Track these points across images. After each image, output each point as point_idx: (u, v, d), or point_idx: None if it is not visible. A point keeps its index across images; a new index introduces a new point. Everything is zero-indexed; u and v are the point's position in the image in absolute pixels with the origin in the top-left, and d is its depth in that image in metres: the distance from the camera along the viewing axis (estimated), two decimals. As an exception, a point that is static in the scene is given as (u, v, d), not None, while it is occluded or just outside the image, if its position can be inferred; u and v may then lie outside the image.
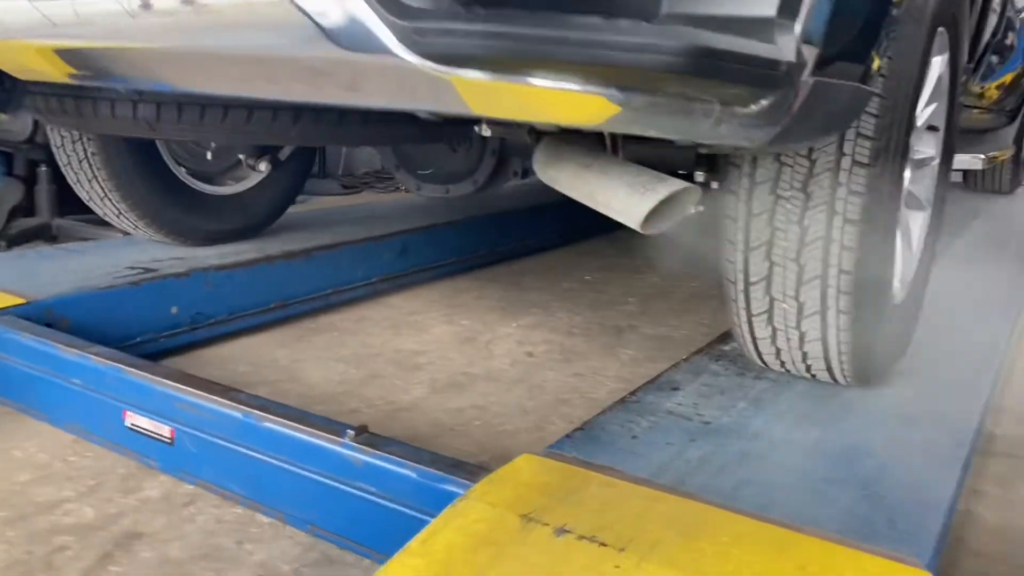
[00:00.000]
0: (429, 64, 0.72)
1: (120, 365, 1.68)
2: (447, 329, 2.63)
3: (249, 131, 1.51)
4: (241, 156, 2.46)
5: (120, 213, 2.43)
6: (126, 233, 2.78)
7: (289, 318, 2.60)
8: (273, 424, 1.48)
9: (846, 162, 1.34)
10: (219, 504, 1.57)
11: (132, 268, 2.32)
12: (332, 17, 0.73)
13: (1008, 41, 3.51)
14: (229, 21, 0.84)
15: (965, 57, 1.84)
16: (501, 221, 3.55)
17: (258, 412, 1.50)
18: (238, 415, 1.52)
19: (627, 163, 1.23)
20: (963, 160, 2.77)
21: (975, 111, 3.42)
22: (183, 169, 2.55)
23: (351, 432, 1.40)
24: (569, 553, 1.06)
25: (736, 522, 1.14)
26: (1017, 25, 3.52)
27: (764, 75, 0.83)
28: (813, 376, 1.65)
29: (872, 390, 1.66)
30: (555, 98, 0.75)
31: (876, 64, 1.19)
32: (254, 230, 2.78)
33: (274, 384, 2.15)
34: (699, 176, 1.64)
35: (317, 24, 0.73)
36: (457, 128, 1.74)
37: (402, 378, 2.23)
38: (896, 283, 1.65)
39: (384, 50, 0.72)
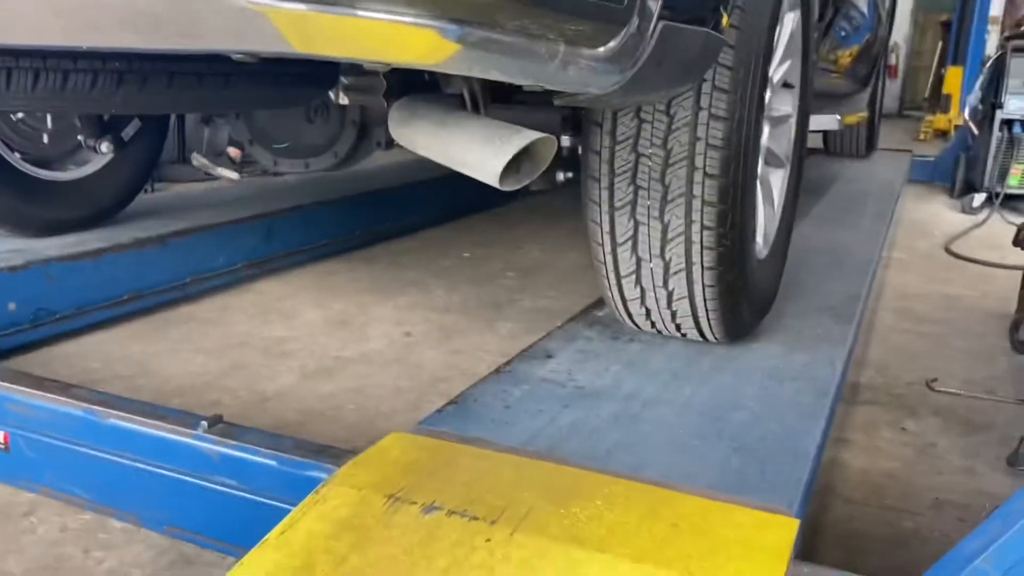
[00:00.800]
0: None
1: (-59, 368, 1.51)
2: (318, 313, 2.53)
3: (66, 99, 1.38)
4: (80, 137, 2.27)
5: (-54, 206, 2.21)
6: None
7: (144, 310, 2.43)
8: (118, 420, 1.36)
9: (703, 116, 1.32)
10: (63, 512, 1.44)
11: (-40, 262, 2.11)
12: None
13: (859, 9, 3.66)
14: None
15: (816, 15, 1.88)
16: (376, 199, 3.45)
17: (100, 408, 1.38)
18: (79, 413, 1.39)
19: (483, 119, 1.18)
20: (820, 120, 2.85)
21: (831, 75, 3.54)
22: (17, 155, 2.34)
23: (204, 423, 1.30)
24: (438, 531, 1.01)
25: (609, 484, 1.11)
26: (865, -1, 3.67)
27: (608, 10, 0.78)
28: (684, 335, 1.65)
29: (740, 346, 1.68)
30: (383, 32, 0.68)
31: (726, 16, 1.18)
32: (101, 218, 2.59)
33: (126, 380, 2.00)
34: (565, 140, 1.61)
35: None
36: (307, 92, 1.64)
37: (268, 366, 2.12)
38: (759, 239, 1.67)
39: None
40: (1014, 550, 0.87)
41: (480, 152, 1.08)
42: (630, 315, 1.64)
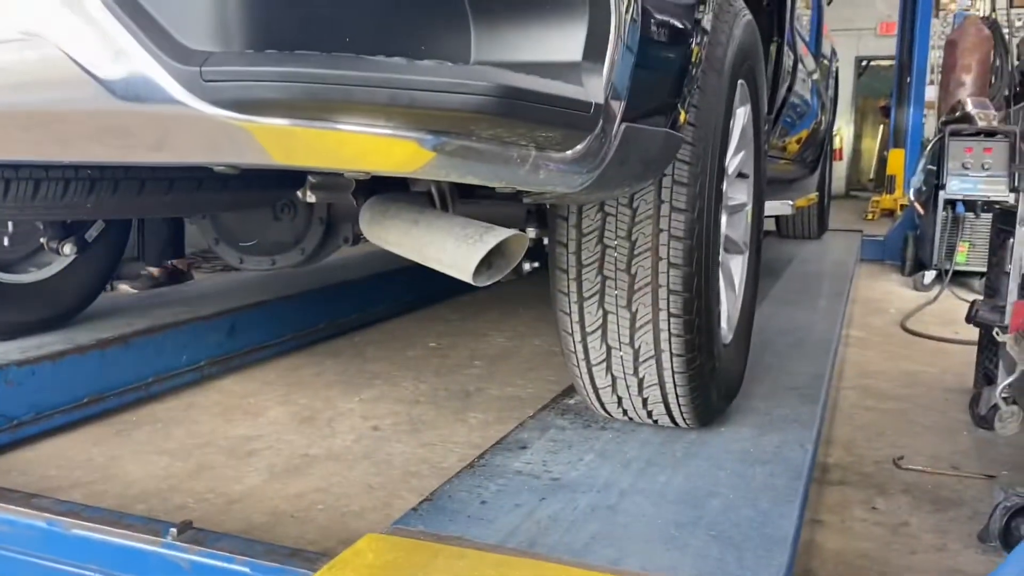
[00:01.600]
0: (222, 112, 0.66)
1: None
2: (284, 410, 2.49)
3: (36, 207, 1.38)
4: (43, 239, 2.26)
5: (-101, 311, 2.17)
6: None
7: (106, 412, 2.38)
8: (84, 531, 1.32)
9: (665, 208, 1.37)
10: (22, 630, 1.38)
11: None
12: (108, 66, 0.65)
13: (805, 98, 3.83)
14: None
15: (765, 108, 1.96)
16: (339, 292, 3.45)
17: (65, 519, 1.34)
18: (42, 524, 1.35)
19: (454, 217, 1.21)
20: (774, 206, 2.95)
21: (781, 162, 3.67)
22: (-22, 258, 2.32)
23: (174, 530, 1.27)
24: (419, 635, 0.99)
25: (592, 580, 1.10)
26: (811, 85, 3.85)
27: (576, 117, 0.82)
28: (655, 421, 1.66)
29: (711, 431, 1.69)
30: (364, 144, 0.70)
31: (683, 114, 1.23)
32: (64, 319, 2.55)
33: (87, 486, 1.95)
34: (531, 232, 1.65)
35: (91, 74, 0.65)
36: (276, 193, 1.66)
37: (234, 467, 2.08)
38: (724, 324, 1.70)
39: (168, 99, 0.66)
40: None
41: (454, 251, 1.10)
42: (602, 403, 1.65)
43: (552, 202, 1.39)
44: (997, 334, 2.06)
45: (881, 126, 14.75)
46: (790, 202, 3.13)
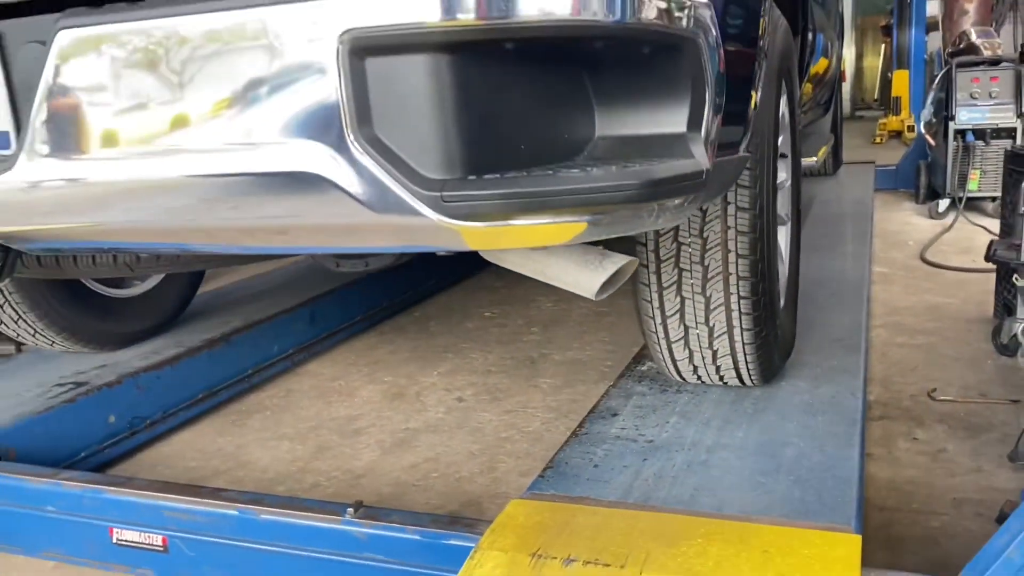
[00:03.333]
0: (455, 222, 0.90)
1: (100, 486, 1.74)
2: (374, 389, 2.77)
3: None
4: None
5: (36, 332, 2.44)
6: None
7: (219, 405, 2.67)
8: (272, 516, 1.60)
9: (731, 208, 1.61)
10: (225, 598, 1.67)
11: (60, 384, 2.34)
12: (367, 191, 0.90)
13: (816, 42, 4.00)
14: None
15: (799, 92, 2.18)
16: (395, 273, 3.71)
17: (254, 507, 1.62)
18: (234, 513, 1.63)
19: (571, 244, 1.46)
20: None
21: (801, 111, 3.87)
22: (91, 279, 2.58)
23: (350, 510, 1.55)
24: (581, 578, 1.27)
25: (703, 524, 1.37)
26: (818, 29, 4.01)
27: (691, 184, 1.06)
28: (725, 383, 1.93)
29: (773, 386, 1.96)
30: (540, 230, 0.95)
31: (748, 137, 1.47)
32: (166, 324, 2.83)
33: (227, 473, 2.24)
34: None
35: (360, 201, 0.90)
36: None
37: (348, 445, 2.37)
38: (779, 293, 1.96)
39: (415, 213, 0.90)
40: (1031, 543, 1.15)
41: (577, 274, 1.34)
42: (679, 372, 1.91)
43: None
44: (1016, 280, 2.30)
45: (883, 45, 14.72)
46: (813, 158, 3.34)
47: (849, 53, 15.68)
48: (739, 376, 1.86)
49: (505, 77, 0.91)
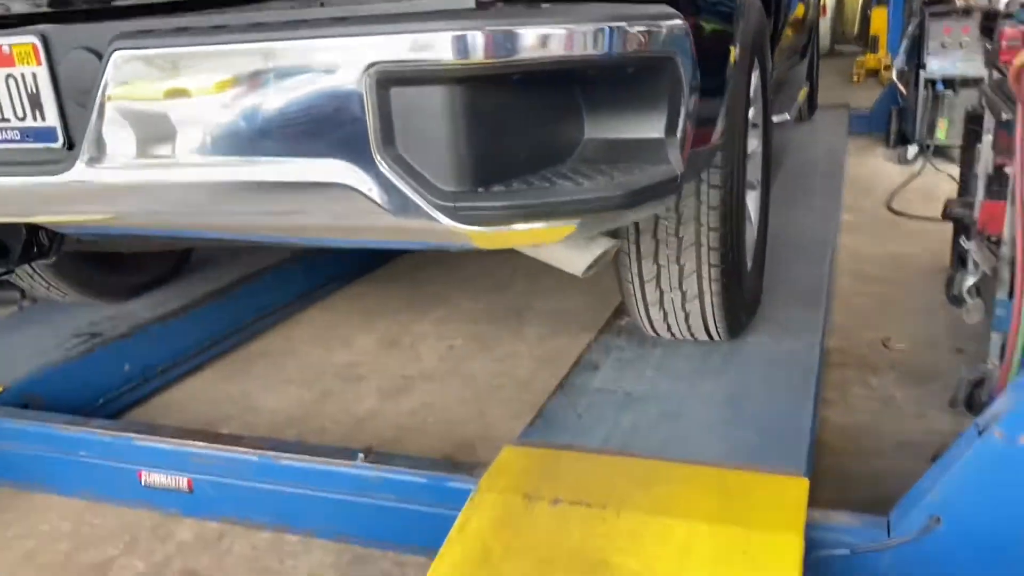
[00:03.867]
0: (466, 227, 1.06)
1: (130, 433, 1.92)
2: (370, 338, 2.95)
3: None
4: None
5: (50, 286, 2.59)
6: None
7: (224, 352, 2.84)
8: (290, 461, 1.79)
9: (704, 187, 1.77)
10: (248, 533, 1.87)
11: (77, 336, 2.50)
12: (390, 199, 1.05)
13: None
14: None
15: (771, 65, 2.33)
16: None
17: (271, 452, 1.81)
18: (254, 458, 1.82)
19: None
20: (774, 118, 3.31)
21: (778, 54, 3.98)
22: (100, 233, 2.71)
23: (361, 455, 1.74)
24: (567, 516, 1.47)
25: (675, 469, 1.58)
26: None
27: (668, 187, 1.22)
28: (695, 338, 2.12)
29: (739, 341, 2.15)
30: (537, 232, 1.12)
31: (721, 127, 1.62)
32: (171, 275, 2.97)
33: (239, 417, 2.42)
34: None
35: (385, 209, 1.05)
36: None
37: (351, 391, 2.55)
38: (747, 257, 2.14)
39: (432, 219, 1.06)
40: (952, 486, 1.36)
41: (568, 254, 1.51)
42: (654, 329, 2.10)
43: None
44: (963, 241, 2.50)
45: (864, -20, 14.65)
46: (787, 115, 3.49)
47: (830, -15, 15.63)
48: (708, 333, 2.05)
49: (508, 102, 1.06)
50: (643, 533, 1.42)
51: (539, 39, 0.99)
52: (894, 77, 5.62)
